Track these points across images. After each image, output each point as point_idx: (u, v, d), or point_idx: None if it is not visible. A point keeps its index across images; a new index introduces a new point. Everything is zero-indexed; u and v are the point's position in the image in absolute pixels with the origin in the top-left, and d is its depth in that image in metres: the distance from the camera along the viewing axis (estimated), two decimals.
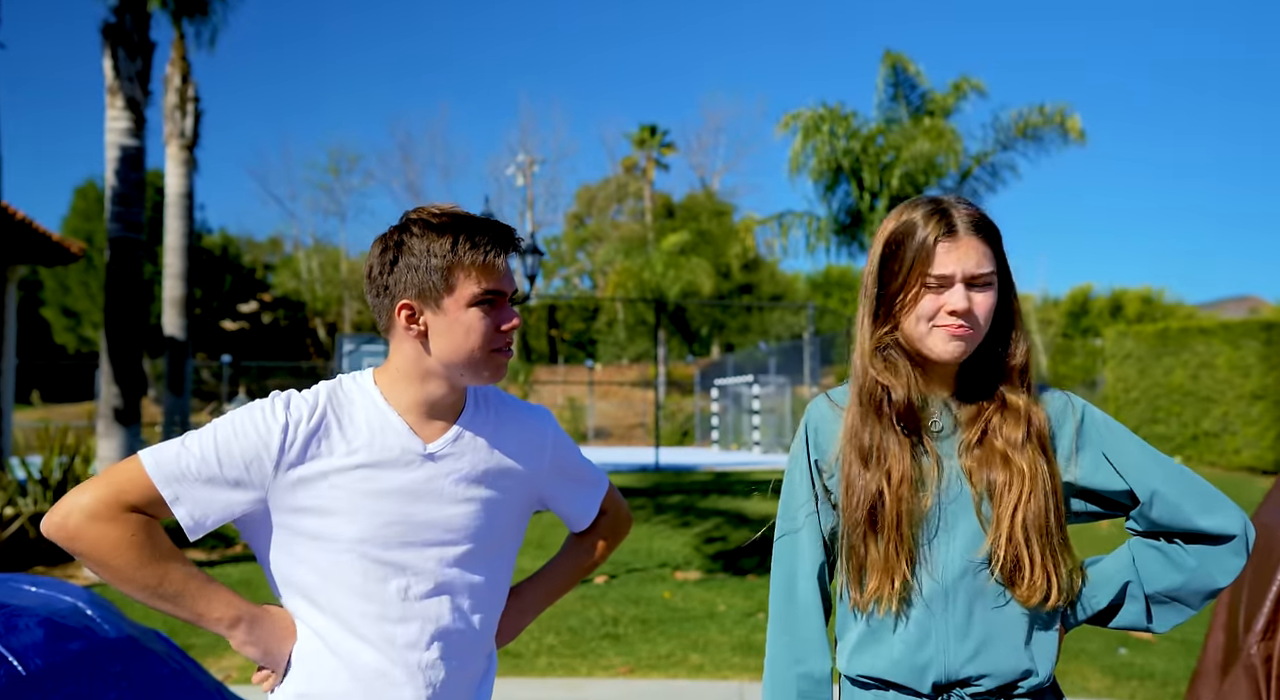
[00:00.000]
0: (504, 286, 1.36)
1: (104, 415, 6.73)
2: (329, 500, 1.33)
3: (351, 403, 1.39)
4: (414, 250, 1.33)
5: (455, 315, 1.34)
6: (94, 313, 27.35)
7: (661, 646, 5.58)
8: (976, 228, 1.31)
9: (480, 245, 1.33)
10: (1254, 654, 1.99)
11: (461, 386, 1.40)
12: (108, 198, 6.84)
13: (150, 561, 1.29)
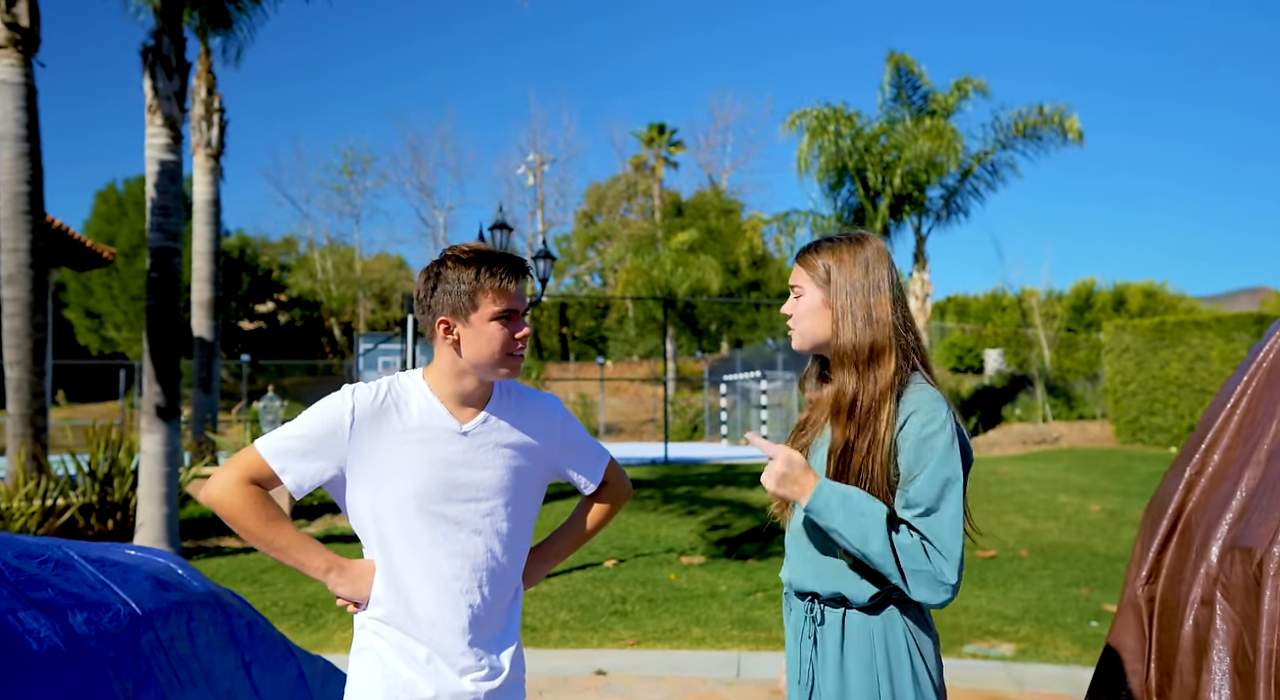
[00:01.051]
0: (516, 305, 1.79)
1: (146, 412, 7.22)
2: (390, 465, 1.79)
3: (406, 392, 1.83)
4: (448, 279, 1.77)
5: (480, 328, 1.77)
6: (116, 315, 27.94)
7: (666, 622, 6.03)
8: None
9: (497, 274, 1.76)
10: (1139, 595, 2.41)
11: (488, 381, 1.86)
12: (148, 209, 7.31)
13: (267, 522, 1.78)
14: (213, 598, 2.74)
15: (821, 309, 1.81)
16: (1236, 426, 2.35)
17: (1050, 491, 11.11)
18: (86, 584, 2.30)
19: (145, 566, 2.58)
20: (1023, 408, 19.50)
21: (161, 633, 2.40)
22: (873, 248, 1.83)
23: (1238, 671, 1.88)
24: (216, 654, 2.57)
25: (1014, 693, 4.69)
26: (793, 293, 1.88)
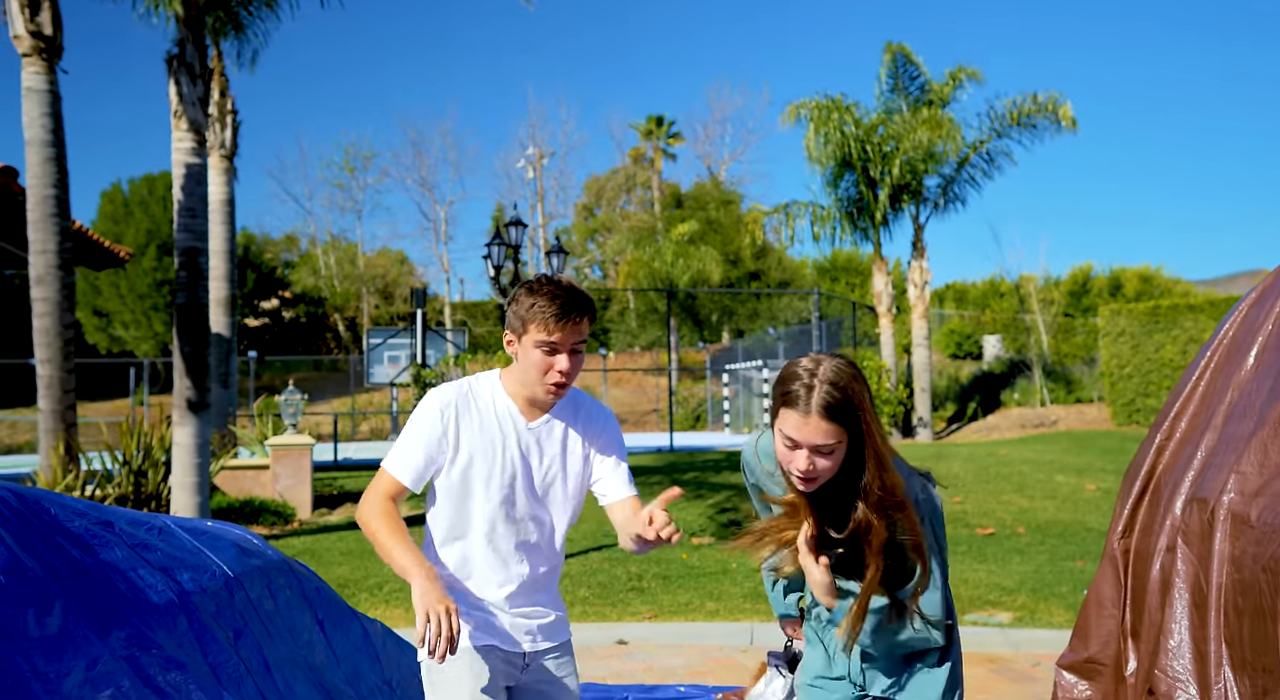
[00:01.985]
0: (557, 343, 1.98)
1: (178, 405, 7.51)
2: (470, 454, 2.07)
3: (481, 394, 2.11)
4: (518, 300, 2.04)
5: (527, 350, 2.02)
6: (124, 313, 28.21)
7: (681, 596, 6.34)
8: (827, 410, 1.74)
9: (547, 310, 1.97)
10: (1116, 548, 2.71)
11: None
12: (175, 211, 7.58)
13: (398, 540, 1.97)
14: (286, 564, 3.04)
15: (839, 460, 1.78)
16: (1201, 396, 2.65)
17: (1047, 472, 11.42)
18: (185, 549, 2.60)
19: (228, 536, 2.89)
20: (1021, 392, 19.81)
21: (250, 592, 2.71)
22: (854, 370, 1.80)
23: (1195, 604, 2.18)
24: (295, 612, 2.87)
25: (1010, 654, 5.00)
26: (815, 450, 1.74)
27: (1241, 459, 2.13)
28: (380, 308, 35.43)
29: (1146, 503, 2.65)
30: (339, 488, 11.09)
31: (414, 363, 12.56)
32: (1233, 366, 2.50)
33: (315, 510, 9.79)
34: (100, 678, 1.99)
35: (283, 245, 37.41)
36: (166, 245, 27.67)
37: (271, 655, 2.59)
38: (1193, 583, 2.20)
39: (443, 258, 38.12)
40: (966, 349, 26.46)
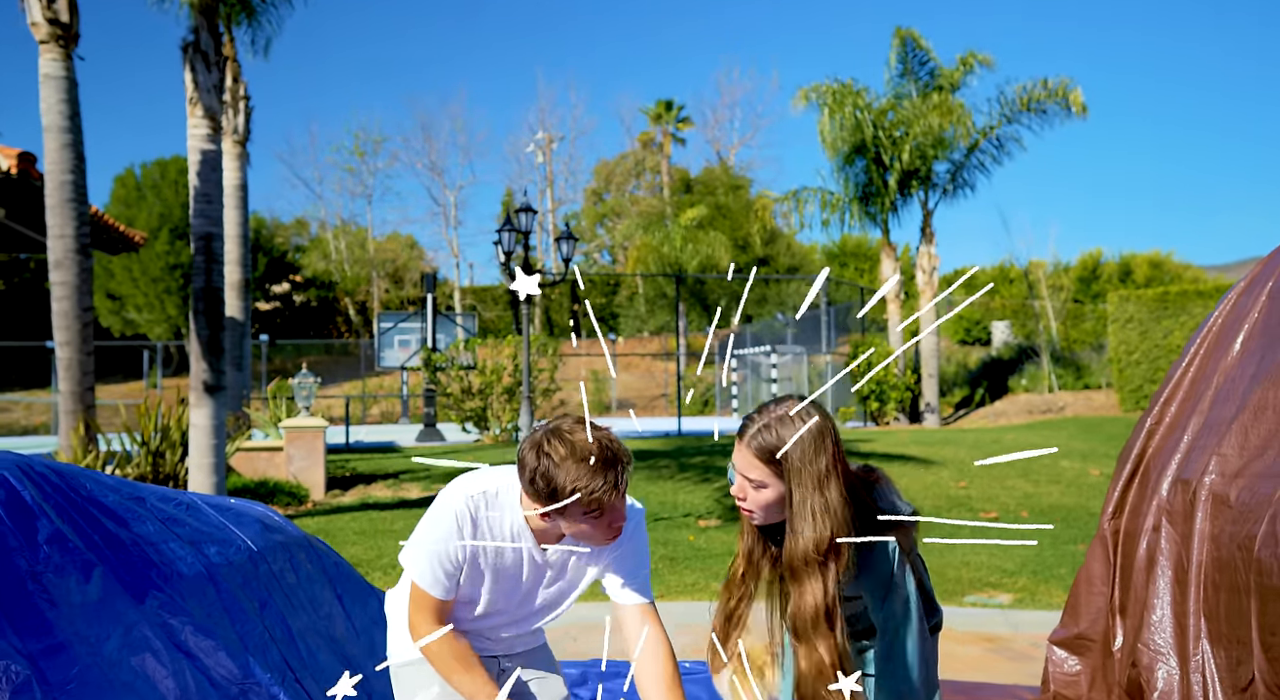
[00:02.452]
0: (605, 507, 1.77)
1: (195, 388, 7.66)
2: (481, 573, 1.95)
3: (502, 515, 1.91)
4: (539, 484, 1.77)
5: (573, 520, 1.79)
6: (137, 297, 28.43)
7: (687, 577, 6.46)
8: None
9: (599, 489, 1.73)
10: (1106, 528, 2.81)
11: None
12: (191, 197, 7.70)
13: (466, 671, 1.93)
14: (306, 541, 3.17)
15: (783, 503, 1.81)
16: (1190, 382, 2.73)
17: (1052, 457, 11.49)
18: (212, 524, 2.72)
19: (251, 512, 3.01)
20: (1029, 378, 19.84)
21: (273, 566, 2.83)
22: (816, 420, 1.78)
23: (1177, 581, 2.28)
24: (316, 586, 3.00)
25: (1009, 634, 5.11)
26: (746, 479, 1.82)
27: (1223, 442, 2.22)
28: (390, 292, 35.59)
29: (1136, 485, 2.74)
30: (352, 470, 11.25)
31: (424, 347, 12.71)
32: (1220, 353, 2.59)
33: (328, 491, 9.95)
34: (137, 642, 2.11)
35: (293, 229, 37.56)
36: (179, 229, 27.84)
37: (295, 625, 2.71)
38: (1175, 560, 2.30)
39: (452, 242, 38.25)
40: (975, 335, 26.47)
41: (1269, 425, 2.08)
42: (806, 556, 1.77)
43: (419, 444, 14.88)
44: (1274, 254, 2.58)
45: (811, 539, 1.76)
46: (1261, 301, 2.47)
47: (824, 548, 1.77)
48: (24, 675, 1.77)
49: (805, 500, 1.76)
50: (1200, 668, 2.08)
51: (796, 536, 1.77)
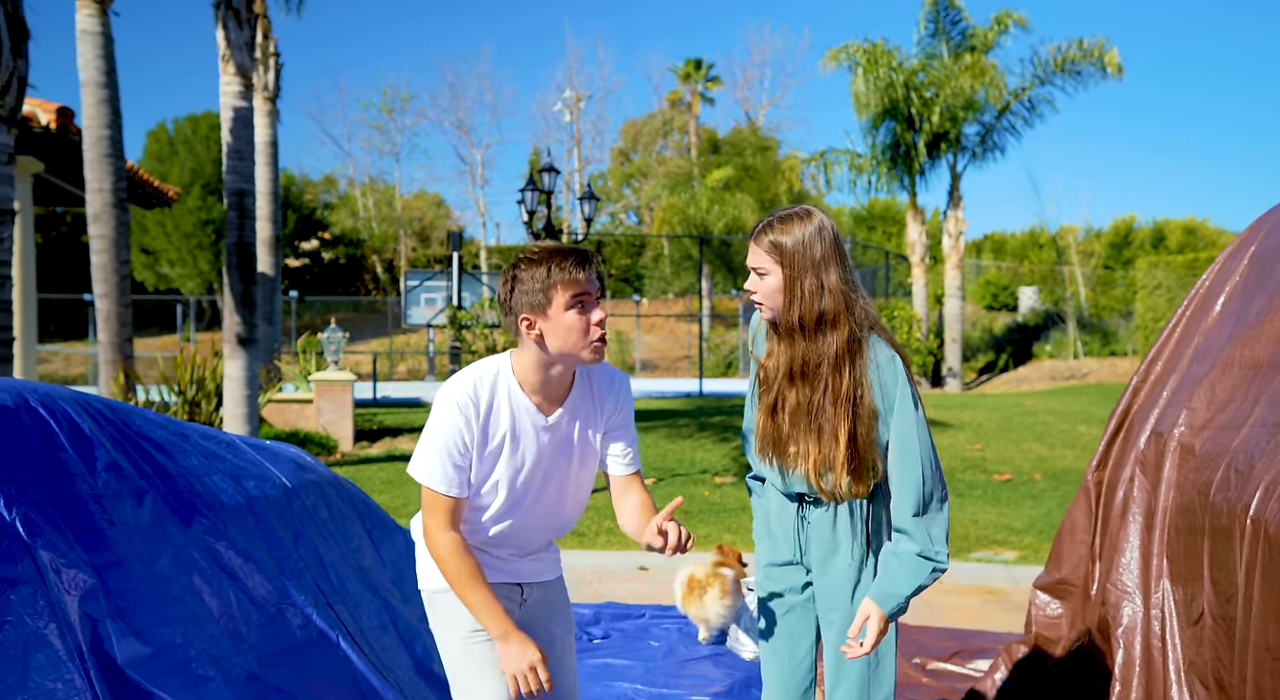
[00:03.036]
0: (588, 290, 1.92)
1: (228, 340, 7.92)
2: (493, 451, 2.01)
3: (497, 392, 2.00)
4: (523, 279, 1.94)
5: (558, 319, 1.91)
6: (170, 251, 28.90)
7: (701, 530, 6.68)
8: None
9: (565, 267, 1.90)
10: (1090, 480, 2.95)
11: (573, 367, 2.03)
12: (224, 154, 7.90)
13: (469, 582, 1.98)
14: (336, 480, 3.38)
15: (782, 288, 1.99)
16: (1175, 342, 2.85)
17: (1071, 423, 11.56)
18: (250, 461, 2.94)
19: (285, 452, 3.22)
20: (1054, 344, 19.78)
21: (306, 501, 3.04)
22: (818, 221, 2.00)
23: (1146, 526, 2.43)
24: (345, 521, 3.21)
25: (1010, 588, 5.28)
26: (755, 274, 2.03)
27: (1193, 396, 2.35)
28: (417, 250, 35.86)
29: (1120, 439, 2.88)
30: (379, 423, 11.56)
31: (450, 305, 12.92)
32: (1203, 314, 2.70)
33: (356, 443, 10.25)
34: (185, 561, 2.33)
35: (321, 186, 37.85)
36: (210, 185, 28.17)
37: (326, 555, 2.93)
38: (1146, 507, 2.45)
39: (479, 201, 38.36)
40: (1003, 300, 26.31)
41: (1234, 380, 2.20)
42: (793, 326, 1.98)
43: None
44: (1259, 221, 2.67)
45: (806, 313, 1.97)
46: (1243, 265, 2.58)
47: (811, 323, 1.97)
48: (91, 583, 1.99)
49: (798, 280, 1.97)
50: (1160, 604, 2.24)
51: (791, 308, 1.98)
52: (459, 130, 38.25)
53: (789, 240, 1.99)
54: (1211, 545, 2.02)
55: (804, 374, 2.00)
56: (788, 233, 2.00)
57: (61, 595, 1.92)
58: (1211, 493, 2.04)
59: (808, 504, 2.15)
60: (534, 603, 2.19)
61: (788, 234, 2.00)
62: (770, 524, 2.24)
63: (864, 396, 1.98)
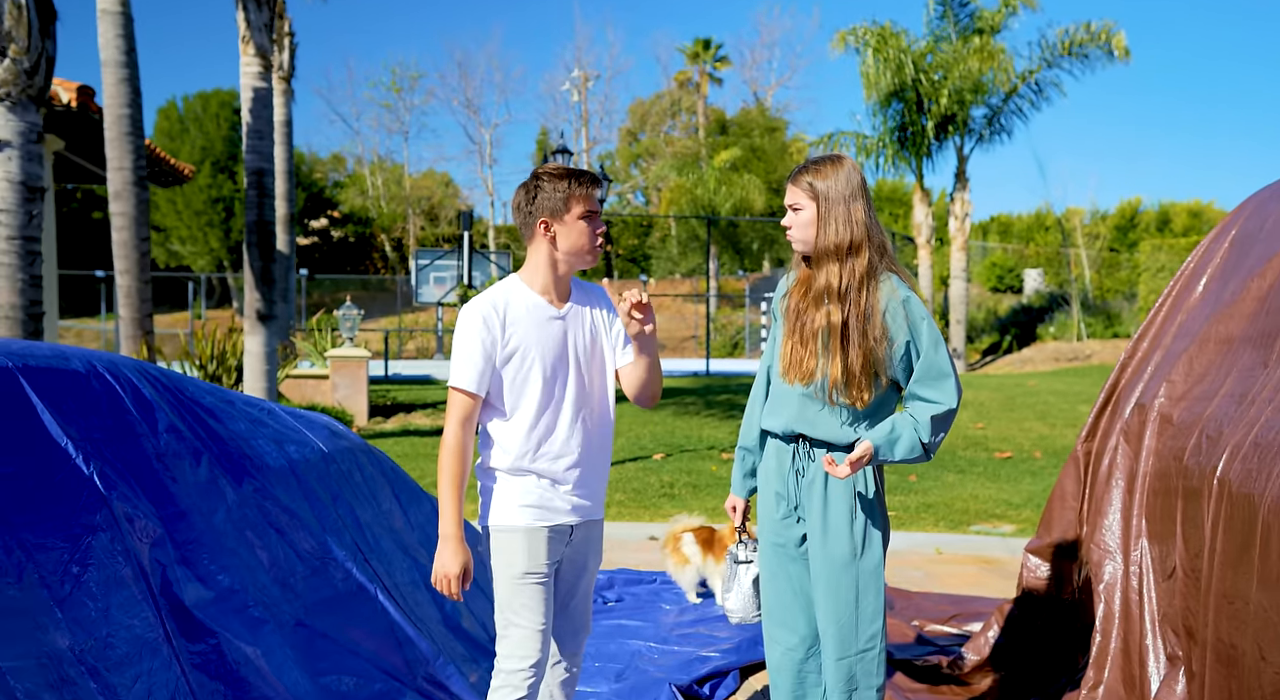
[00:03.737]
0: (596, 207, 2.34)
1: (249, 316, 8.12)
2: (516, 348, 2.33)
3: (511, 295, 2.33)
4: (545, 189, 2.30)
5: (571, 225, 2.29)
6: (180, 229, 29.08)
7: (709, 502, 6.88)
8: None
9: (583, 184, 2.31)
10: (1079, 450, 3.13)
11: (574, 271, 2.37)
12: (244, 133, 8.06)
13: (454, 480, 2.27)
14: (367, 448, 3.58)
15: (815, 220, 2.32)
16: (1160, 322, 3.02)
17: (1072, 402, 11.73)
18: (288, 427, 3.13)
19: (319, 421, 3.42)
20: (1058, 326, 19.90)
21: (342, 466, 3.24)
22: (849, 164, 2.32)
23: (1128, 490, 2.61)
24: (376, 486, 3.41)
25: (1007, 558, 5.47)
26: (790, 210, 2.36)
27: (1173, 370, 2.52)
28: (426, 229, 35.99)
29: (1108, 412, 3.06)
30: (392, 399, 11.77)
31: (460, 283, 13.11)
32: (1187, 294, 2.87)
33: (371, 418, 10.47)
34: (238, 517, 2.53)
35: (330, 165, 37.94)
36: (220, 162, 28.30)
37: (361, 516, 3.13)
38: (1128, 472, 2.63)
39: (487, 181, 38.48)
40: (1008, 282, 26.39)
41: (1209, 355, 2.37)
42: (826, 251, 2.29)
43: None
44: (1241, 206, 2.83)
45: (833, 238, 2.28)
46: (1224, 248, 2.74)
47: (843, 250, 2.28)
48: (159, 532, 2.19)
49: (830, 212, 2.29)
50: (1139, 561, 2.42)
51: (824, 234, 2.29)
52: (468, 110, 38.36)
53: (821, 180, 2.31)
54: (1184, 505, 2.20)
55: (829, 296, 2.29)
56: (820, 173, 2.32)
57: (135, 542, 2.11)
58: (1185, 457, 2.22)
59: (801, 456, 2.39)
60: (578, 540, 2.42)
61: (820, 174, 2.32)
62: (769, 481, 2.46)
63: (875, 320, 2.27)
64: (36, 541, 1.89)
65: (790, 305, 2.39)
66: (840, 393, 2.29)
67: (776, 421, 2.41)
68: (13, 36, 6.16)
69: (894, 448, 2.27)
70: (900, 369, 2.32)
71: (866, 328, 2.27)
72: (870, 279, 2.28)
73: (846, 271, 2.28)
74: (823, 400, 2.32)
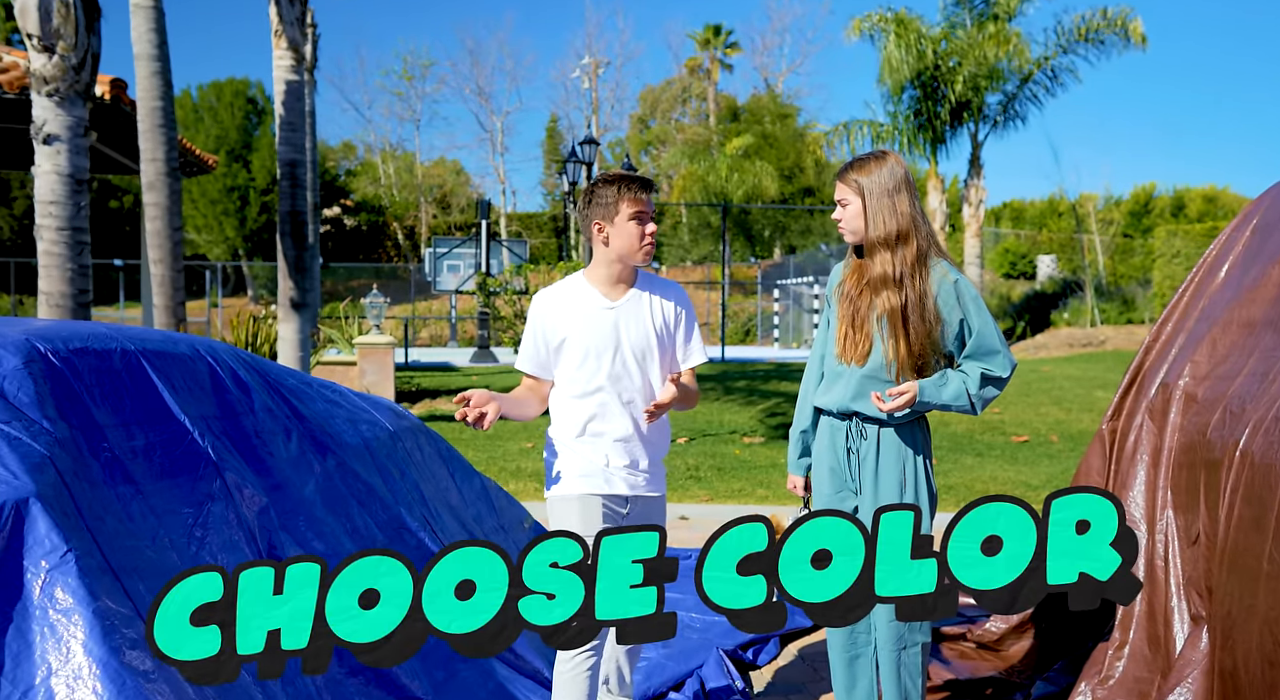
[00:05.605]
0: (646, 209, 2.52)
1: (282, 304, 8.33)
2: (570, 335, 2.56)
3: (572, 287, 2.59)
4: (599, 194, 2.53)
5: (621, 227, 2.50)
6: (196, 218, 29.33)
7: (734, 484, 7.08)
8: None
9: (632, 189, 2.51)
10: (1104, 428, 3.30)
11: (632, 267, 2.60)
12: (277, 125, 8.25)
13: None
14: (424, 428, 3.78)
15: (862, 212, 2.49)
16: (1183, 307, 3.19)
17: (1087, 388, 11.87)
18: (359, 407, 3.33)
19: (382, 402, 3.62)
20: (1072, 312, 19.99)
21: (405, 444, 3.44)
22: (892, 160, 2.48)
23: (1153, 464, 2.79)
24: (434, 461, 3.61)
25: None
26: (839, 205, 2.55)
27: (1197, 351, 2.69)
28: (438, 218, 36.19)
29: (1133, 392, 3.23)
30: (416, 385, 12.00)
31: (479, 271, 13.30)
32: (1210, 280, 3.04)
33: (399, 403, 10.69)
34: (325, 489, 2.72)
35: (341, 153, 38.13)
36: (235, 151, 28.52)
37: (426, 491, 3.33)
38: (1153, 448, 2.80)
39: (499, 169, 38.59)
40: (1021, 268, 26.45)
41: (1232, 337, 2.54)
42: (877, 241, 2.45)
43: (474, 365, 15.62)
44: (1265, 194, 2.99)
45: (881, 232, 2.45)
46: (1246, 236, 2.91)
47: (892, 240, 2.44)
48: (264, 501, 2.39)
49: (877, 205, 2.46)
50: (1164, 530, 2.60)
51: (873, 227, 2.46)
52: (479, 97, 38.42)
53: (865, 175, 2.48)
54: (1207, 476, 2.37)
55: (885, 283, 2.46)
56: (864, 169, 2.49)
57: (245, 510, 2.32)
58: (1209, 432, 2.39)
59: (854, 434, 2.57)
60: (635, 515, 2.62)
61: (865, 171, 2.49)
62: (823, 458, 2.65)
63: (929, 304, 2.44)
64: (167, 508, 2.09)
65: (845, 291, 2.56)
66: (904, 371, 2.48)
67: (831, 399, 2.58)
68: (60, 33, 6.35)
69: (941, 391, 2.46)
70: (955, 346, 2.52)
71: (923, 311, 2.47)
72: (921, 266, 2.46)
73: (899, 259, 2.45)
74: (883, 378, 2.50)
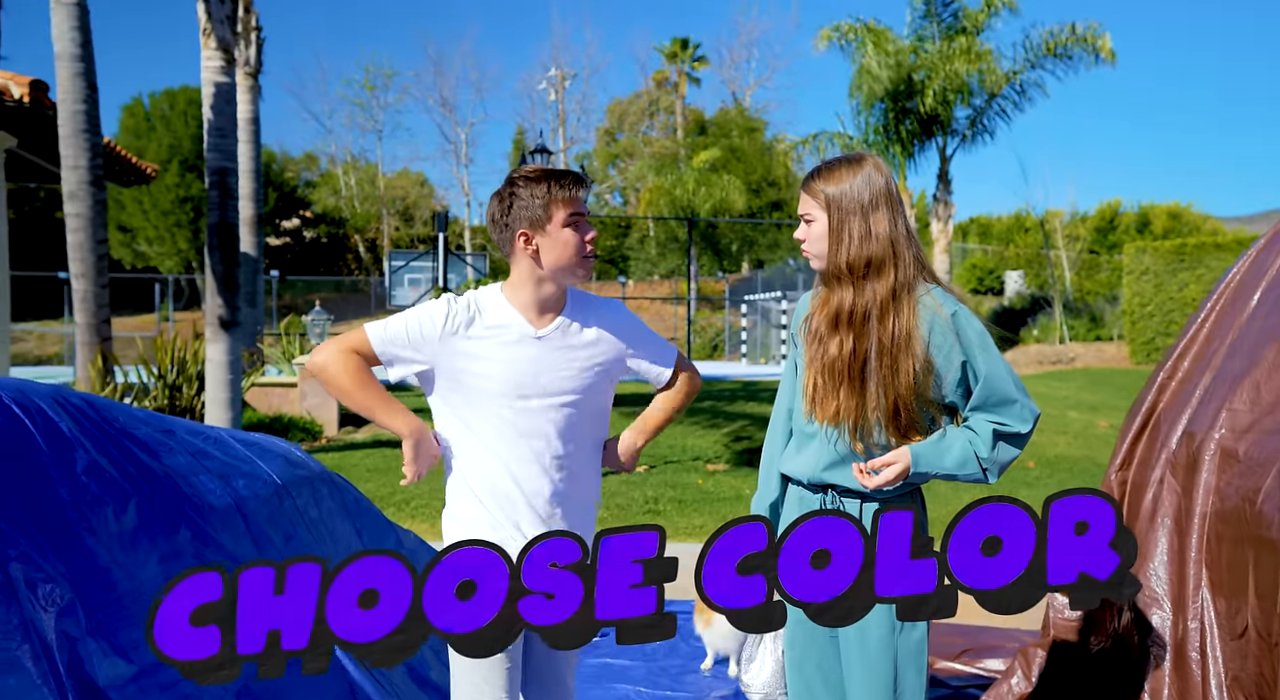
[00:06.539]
0: (582, 210, 2.02)
1: (210, 323, 7.72)
2: (473, 365, 2.01)
3: (488, 304, 2.05)
4: (521, 196, 1.98)
5: (555, 235, 1.97)
6: (148, 229, 28.42)
7: (695, 519, 6.59)
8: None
9: (565, 186, 1.98)
10: (1113, 480, 2.86)
11: (564, 286, 2.05)
12: (206, 131, 7.67)
13: (362, 385, 2.02)
14: (327, 476, 3.24)
15: (827, 233, 1.96)
16: (1205, 337, 2.75)
17: (1060, 408, 11.55)
18: (239, 457, 2.79)
19: (275, 448, 3.08)
20: (1040, 329, 19.80)
21: (297, 500, 2.91)
22: (869, 166, 1.94)
23: (1177, 531, 2.34)
24: (336, 520, 3.08)
25: None
26: (803, 221, 2.01)
27: (1234, 396, 2.25)
28: (400, 230, 35.48)
29: (1145, 438, 2.78)
30: None
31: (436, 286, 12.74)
32: (1237, 308, 2.60)
33: (342, 428, 10.09)
34: (173, 571, 2.19)
35: (302, 164, 37.32)
36: (188, 161, 27.67)
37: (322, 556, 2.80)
38: (1176, 510, 2.35)
39: (463, 180, 37.99)
40: (988, 284, 26.33)
41: None
42: (838, 270, 1.93)
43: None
44: None
45: (844, 258, 1.92)
46: (1279, 261, 2.48)
47: (859, 268, 1.91)
48: (69, 598, 1.85)
49: (844, 225, 1.93)
50: (1199, 615, 2.15)
51: (838, 253, 1.93)
52: (443, 108, 37.84)
53: (834, 186, 1.95)
54: (1257, 555, 1.93)
55: (850, 322, 1.93)
56: (833, 179, 1.95)
57: (36, 612, 1.78)
58: (1260, 501, 1.95)
59: (829, 509, 2.02)
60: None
61: (833, 180, 1.95)
62: None
63: (913, 347, 1.90)
64: None
65: (812, 328, 2.02)
66: (868, 436, 1.94)
67: (800, 467, 2.06)
68: None
69: (942, 457, 1.90)
70: (958, 396, 1.96)
71: (897, 359, 1.90)
72: (898, 301, 1.91)
73: (864, 295, 1.92)
74: (851, 444, 1.97)
